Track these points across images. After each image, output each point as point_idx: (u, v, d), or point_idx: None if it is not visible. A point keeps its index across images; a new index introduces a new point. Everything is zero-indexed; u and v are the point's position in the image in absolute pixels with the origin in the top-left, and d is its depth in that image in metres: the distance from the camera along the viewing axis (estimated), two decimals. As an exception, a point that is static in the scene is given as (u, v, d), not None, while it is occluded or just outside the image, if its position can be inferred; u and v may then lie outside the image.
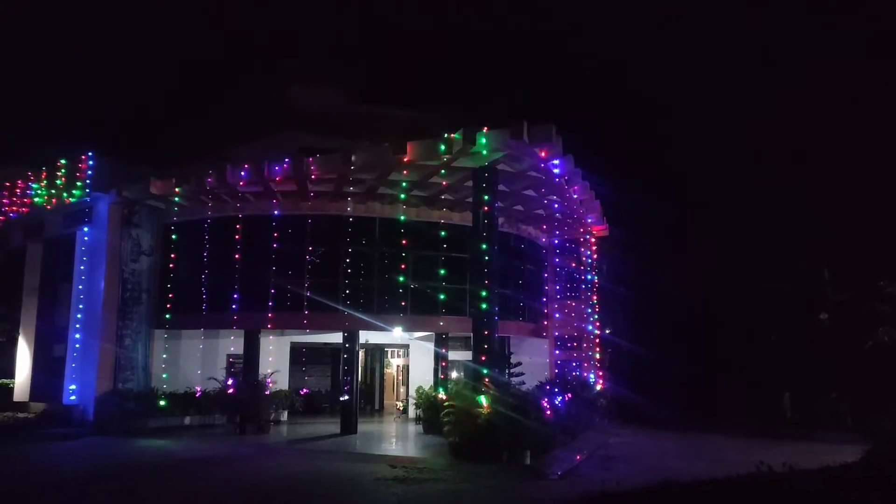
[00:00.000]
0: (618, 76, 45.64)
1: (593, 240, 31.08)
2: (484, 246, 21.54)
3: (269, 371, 25.18)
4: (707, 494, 8.80)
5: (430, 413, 23.62)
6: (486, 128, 20.46)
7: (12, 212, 29.55)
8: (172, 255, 26.39)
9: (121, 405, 24.22)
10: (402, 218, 25.38)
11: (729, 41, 40.90)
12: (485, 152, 20.83)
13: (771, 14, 41.14)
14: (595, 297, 30.87)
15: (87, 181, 25.94)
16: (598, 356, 30.23)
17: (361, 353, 29.04)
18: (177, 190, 24.59)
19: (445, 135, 20.96)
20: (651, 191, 33.96)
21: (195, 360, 26.76)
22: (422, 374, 27.97)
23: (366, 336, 26.80)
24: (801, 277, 28.26)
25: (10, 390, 29.70)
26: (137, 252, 26.06)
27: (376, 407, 32.67)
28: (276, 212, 25.01)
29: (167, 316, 26.03)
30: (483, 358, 20.79)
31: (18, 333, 30.25)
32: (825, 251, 27.94)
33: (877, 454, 11.28)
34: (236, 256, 25.07)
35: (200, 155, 27.19)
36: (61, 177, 26.85)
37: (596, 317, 30.58)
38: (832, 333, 26.27)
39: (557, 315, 30.71)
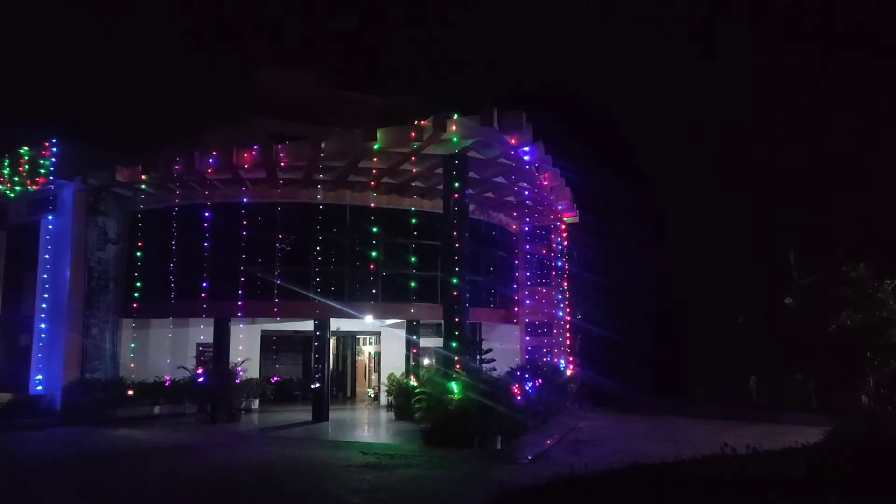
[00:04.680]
0: (588, 63, 45.83)
1: (564, 226, 31.24)
2: (455, 233, 21.65)
3: (239, 359, 25.10)
4: (672, 475, 9.02)
5: (402, 400, 23.73)
6: (456, 115, 20.52)
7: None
8: (140, 244, 26.13)
9: (89, 395, 24.02)
10: (373, 205, 25.40)
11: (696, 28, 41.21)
12: (455, 139, 20.89)
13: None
14: (566, 284, 31.07)
15: (51, 168, 25.53)
16: (568, 342, 30.51)
17: (333, 341, 29.02)
18: (143, 177, 24.31)
19: (416, 122, 21.00)
20: (621, 177, 34.22)
21: (164, 349, 26.55)
22: (393, 361, 28.06)
23: (337, 324, 26.83)
24: (769, 261, 28.73)
25: (-25, 381, 29.26)
26: (104, 240, 25.80)
27: (348, 394, 32.68)
28: (245, 199, 24.88)
29: (135, 305, 25.83)
30: (454, 345, 20.97)
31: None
32: (791, 234, 28.40)
33: (839, 435, 11.57)
34: (205, 244, 24.91)
35: (168, 141, 26.88)
36: (24, 164, 26.37)
37: (567, 303, 30.83)
38: (798, 316, 26.77)
39: (528, 301, 30.92)
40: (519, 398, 19.41)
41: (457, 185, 21.89)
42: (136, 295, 25.86)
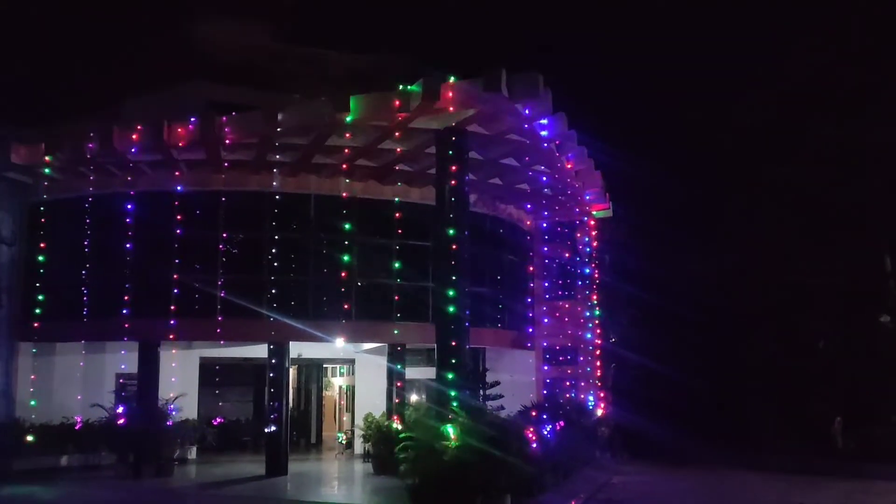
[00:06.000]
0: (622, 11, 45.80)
1: (592, 223, 31.18)
2: (451, 231, 21.46)
3: (171, 395, 24.90)
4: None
5: (382, 448, 23.62)
6: (452, 77, 20.36)
7: None
8: (42, 245, 25.97)
9: (-26, 442, 23.87)
10: (345, 195, 25.27)
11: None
12: (451, 109, 20.71)
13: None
14: (595, 297, 30.99)
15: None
16: (598, 372, 30.38)
17: (293, 371, 28.92)
18: (47, 158, 24.12)
19: (400, 86, 20.85)
20: (666, 160, 34.12)
21: (74, 382, 26.36)
22: (371, 397, 27.84)
23: (298, 349, 26.68)
24: (857, 268, 28.54)
25: None
26: (-5, 240, 25.69)
27: (312, 440, 32.69)
28: (179, 187, 24.69)
29: (36, 324, 25.59)
30: (450, 376, 20.76)
31: None
32: (887, 235, 28.22)
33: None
34: (128, 246, 24.71)
35: (80, 113, 26.76)
36: None
37: (596, 322, 30.70)
38: (896, 340, 26.70)
39: (546, 320, 30.80)
40: (534, 445, 19.29)
41: (454, 168, 21.72)
42: (37, 312, 25.62)
